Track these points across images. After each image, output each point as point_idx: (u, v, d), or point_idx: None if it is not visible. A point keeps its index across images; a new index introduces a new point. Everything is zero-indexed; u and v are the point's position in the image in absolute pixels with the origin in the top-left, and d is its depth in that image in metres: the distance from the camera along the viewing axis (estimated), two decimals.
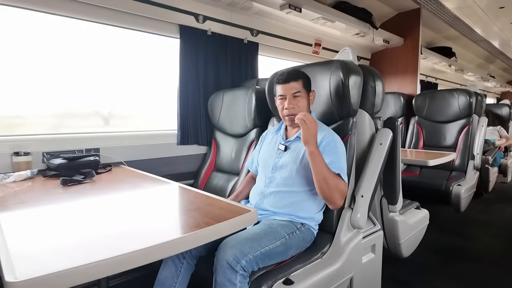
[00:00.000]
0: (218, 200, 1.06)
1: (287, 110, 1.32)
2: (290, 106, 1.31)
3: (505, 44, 5.23)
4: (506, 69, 7.59)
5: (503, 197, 3.72)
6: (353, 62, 1.46)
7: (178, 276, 1.18)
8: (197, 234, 0.78)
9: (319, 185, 1.20)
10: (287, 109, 1.32)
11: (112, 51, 2.01)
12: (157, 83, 2.25)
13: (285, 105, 1.32)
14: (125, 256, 0.67)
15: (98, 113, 2.04)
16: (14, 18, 1.60)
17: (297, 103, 1.31)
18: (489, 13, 3.65)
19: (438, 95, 3.16)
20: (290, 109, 1.31)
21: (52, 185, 1.31)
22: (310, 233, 1.30)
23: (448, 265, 2.06)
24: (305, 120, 1.18)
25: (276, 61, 2.83)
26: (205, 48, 2.12)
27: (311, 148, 1.18)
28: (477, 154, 2.91)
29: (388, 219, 1.73)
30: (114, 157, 1.76)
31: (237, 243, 1.06)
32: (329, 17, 2.47)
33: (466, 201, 2.71)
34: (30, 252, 0.70)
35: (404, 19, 3.42)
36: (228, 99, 2.03)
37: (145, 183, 1.40)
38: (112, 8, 1.76)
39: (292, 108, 1.31)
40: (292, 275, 1.16)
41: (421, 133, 3.24)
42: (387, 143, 1.46)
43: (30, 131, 1.70)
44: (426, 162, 2.22)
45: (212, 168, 2.10)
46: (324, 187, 1.19)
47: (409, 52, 3.46)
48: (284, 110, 1.33)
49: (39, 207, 1.05)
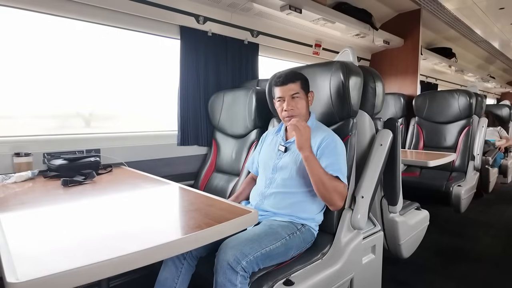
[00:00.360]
0: (219, 201, 1.06)
1: (286, 111, 1.32)
2: (289, 107, 1.32)
3: (505, 45, 5.24)
4: (506, 70, 7.59)
5: (503, 198, 3.71)
6: (353, 63, 1.47)
7: (178, 277, 1.18)
8: (198, 235, 0.79)
9: (317, 188, 1.21)
10: (286, 110, 1.32)
11: (110, 52, 2.01)
12: (152, 84, 2.25)
13: (284, 107, 1.33)
14: (126, 257, 0.67)
15: (80, 114, 2.01)
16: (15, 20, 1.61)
17: (295, 104, 1.32)
18: (489, 14, 3.66)
19: (438, 96, 3.16)
20: (289, 111, 1.32)
21: (52, 186, 1.32)
22: (311, 234, 1.30)
23: (448, 265, 2.06)
24: (298, 125, 1.21)
25: (276, 62, 2.84)
26: (205, 49, 2.12)
27: (305, 153, 1.20)
28: (477, 155, 2.91)
29: (388, 220, 1.73)
30: (115, 158, 1.76)
31: (238, 244, 1.06)
32: (329, 18, 2.47)
33: (466, 202, 2.71)
34: (31, 253, 0.70)
35: (404, 20, 3.43)
36: (229, 100, 2.03)
37: (146, 184, 1.40)
38: (113, 9, 1.76)
39: (291, 110, 1.32)
40: (292, 275, 1.16)
41: (421, 134, 3.24)
42: (387, 144, 1.46)
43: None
44: (426, 163, 2.22)
45: (212, 169, 2.10)
46: (322, 190, 1.20)
47: (409, 53, 3.46)
48: (283, 112, 1.34)
49: (40, 208, 1.05)
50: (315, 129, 1.33)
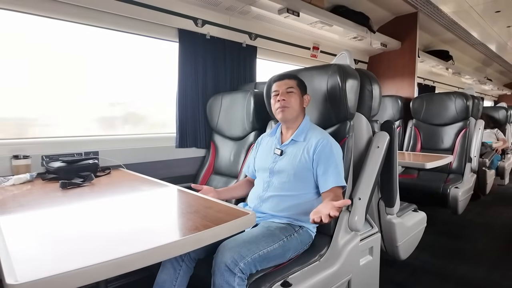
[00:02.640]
0: (217, 203, 1.06)
1: (279, 102, 1.34)
2: (281, 98, 1.34)
3: (501, 48, 5.27)
4: (503, 72, 7.63)
5: (500, 200, 3.73)
6: (350, 66, 1.48)
7: (176, 279, 1.18)
8: (196, 236, 0.79)
9: None
10: (279, 101, 1.34)
11: (106, 54, 2.02)
12: (151, 86, 2.26)
13: (277, 99, 1.35)
14: (124, 259, 0.67)
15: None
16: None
17: (289, 98, 1.34)
18: (486, 17, 3.69)
19: (436, 98, 3.18)
20: (281, 101, 1.34)
21: (51, 188, 1.32)
22: (308, 235, 1.31)
23: (446, 267, 2.07)
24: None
25: (274, 64, 2.85)
26: (203, 51, 2.14)
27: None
28: (474, 157, 2.93)
29: (385, 221, 1.73)
30: (113, 160, 1.77)
31: (236, 245, 1.07)
32: (327, 21, 2.49)
33: (463, 204, 2.72)
34: (30, 255, 0.70)
35: (401, 23, 3.45)
36: (227, 102, 2.04)
37: (144, 186, 1.41)
38: (112, 12, 1.78)
39: (284, 101, 1.33)
40: (290, 277, 1.17)
41: (418, 136, 3.26)
42: (384, 146, 1.47)
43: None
44: (423, 164, 2.23)
45: (210, 171, 2.11)
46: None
47: (407, 55, 3.49)
48: (276, 103, 1.35)
49: (38, 210, 1.06)
50: (309, 131, 1.35)
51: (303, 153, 1.30)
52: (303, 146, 1.32)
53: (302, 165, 1.29)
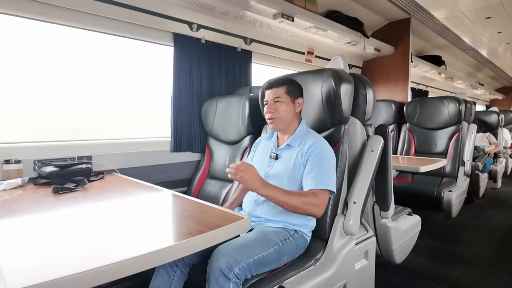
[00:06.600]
0: (211, 208, 1.06)
1: (267, 114, 1.35)
2: (269, 110, 1.35)
3: (492, 53, 5.36)
4: (494, 77, 7.76)
5: (493, 203, 3.77)
6: (344, 71, 1.49)
7: (170, 285, 1.17)
8: (190, 241, 0.78)
9: (292, 211, 1.21)
10: (267, 113, 1.35)
11: (101, 58, 2.02)
12: (146, 90, 2.25)
13: (265, 110, 1.37)
14: (117, 265, 0.66)
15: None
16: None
17: (276, 108, 1.34)
18: (477, 23, 3.75)
19: (429, 103, 3.22)
20: (269, 113, 1.34)
21: (43, 193, 1.30)
22: (304, 240, 1.31)
23: (440, 270, 2.08)
24: (237, 173, 1.12)
25: (269, 69, 2.86)
26: (199, 56, 2.14)
27: (262, 192, 1.15)
28: (467, 161, 2.96)
29: (380, 225, 1.74)
30: (107, 164, 1.75)
31: (230, 250, 1.06)
32: (321, 26, 2.51)
33: (457, 207, 2.75)
34: (21, 261, 0.69)
35: (394, 28, 3.50)
36: (222, 106, 2.04)
37: (138, 190, 1.40)
38: (107, 16, 1.77)
39: (271, 112, 1.34)
40: (285, 282, 1.16)
41: (412, 140, 3.29)
42: (378, 150, 1.48)
43: None
44: (417, 168, 2.25)
45: (205, 175, 2.10)
46: (296, 211, 1.21)
47: (400, 60, 3.53)
48: (266, 114, 1.37)
49: (29, 216, 1.04)
50: (305, 135, 1.35)
51: (296, 158, 1.30)
52: (297, 151, 1.32)
53: (296, 169, 1.29)
